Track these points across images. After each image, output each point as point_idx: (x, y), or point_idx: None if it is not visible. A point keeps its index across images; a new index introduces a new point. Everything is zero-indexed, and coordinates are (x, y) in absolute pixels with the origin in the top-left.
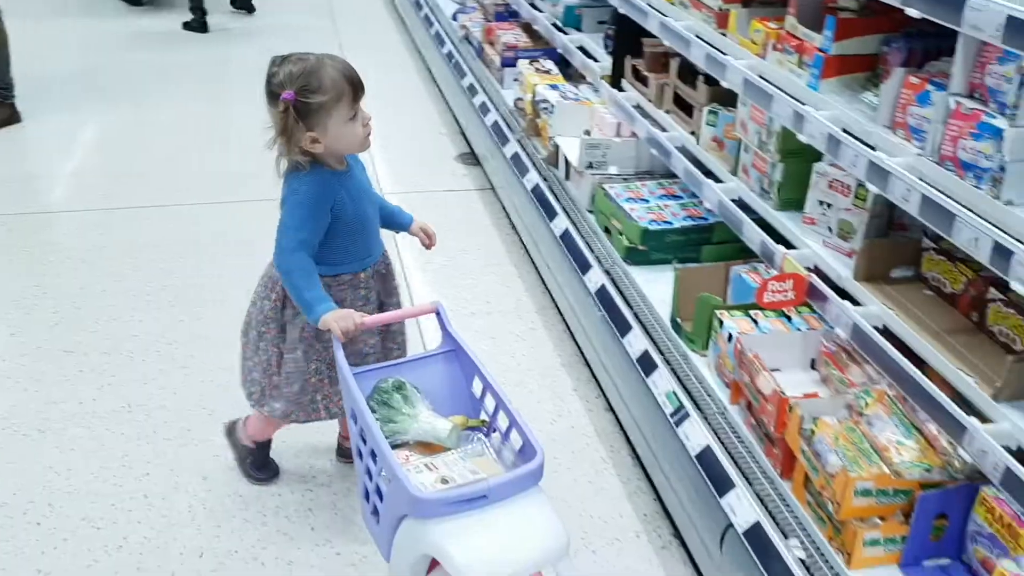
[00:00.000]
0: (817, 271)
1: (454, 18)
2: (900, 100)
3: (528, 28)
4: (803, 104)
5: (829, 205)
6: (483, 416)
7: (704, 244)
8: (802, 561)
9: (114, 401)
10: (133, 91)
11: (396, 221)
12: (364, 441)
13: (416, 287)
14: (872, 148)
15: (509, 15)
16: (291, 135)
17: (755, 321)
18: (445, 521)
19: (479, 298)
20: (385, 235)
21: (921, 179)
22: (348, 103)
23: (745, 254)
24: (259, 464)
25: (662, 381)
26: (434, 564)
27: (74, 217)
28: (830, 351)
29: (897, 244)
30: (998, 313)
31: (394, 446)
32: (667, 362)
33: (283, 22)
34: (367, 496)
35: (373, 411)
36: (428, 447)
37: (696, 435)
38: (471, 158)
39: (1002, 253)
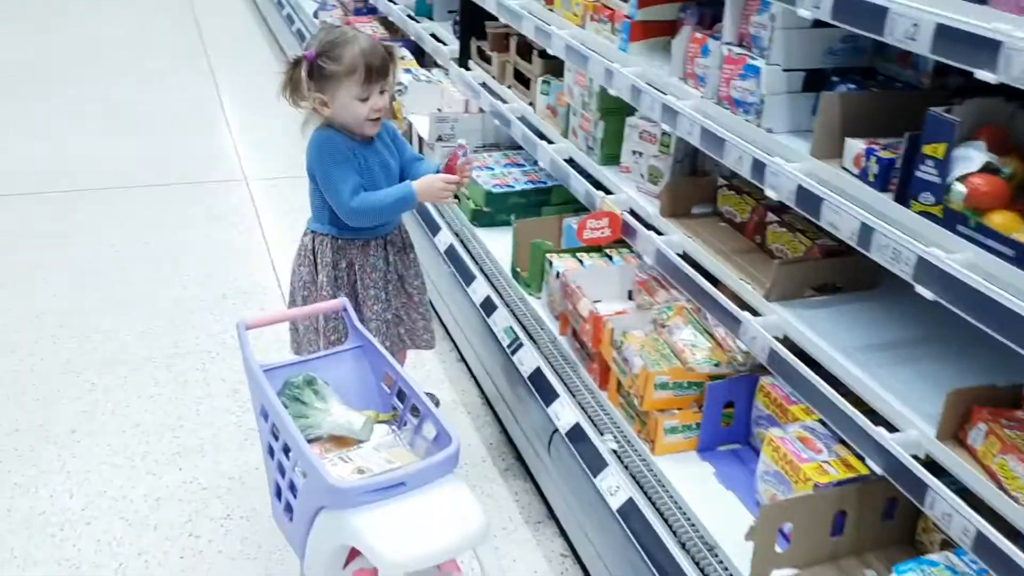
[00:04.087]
0: (632, 213)
1: (315, 15)
2: (688, 54)
3: (385, 21)
4: (613, 63)
5: (641, 154)
6: (394, 410)
7: (544, 205)
8: (615, 451)
9: None
10: None
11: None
12: (276, 437)
13: (282, 265)
14: (665, 95)
15: (368, 10)
16: (296, 87)
17: (581, 261)
18: (364, 510)
19: None
20: (247, 209)
21: (704, 115)
22: (359, 82)
23: (580, 211)
24: None
25: (501, 319)
26: (351, 557)
27: None
28: (643, 280)
29: (696, 183)
30: (775, 233)
31: (307, 441)
32: (506, 304)
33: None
34: (279, 494)
35: (285, 407)
36: (341, 441)
37: (529, 360)
38: None
39: (759, 167)
